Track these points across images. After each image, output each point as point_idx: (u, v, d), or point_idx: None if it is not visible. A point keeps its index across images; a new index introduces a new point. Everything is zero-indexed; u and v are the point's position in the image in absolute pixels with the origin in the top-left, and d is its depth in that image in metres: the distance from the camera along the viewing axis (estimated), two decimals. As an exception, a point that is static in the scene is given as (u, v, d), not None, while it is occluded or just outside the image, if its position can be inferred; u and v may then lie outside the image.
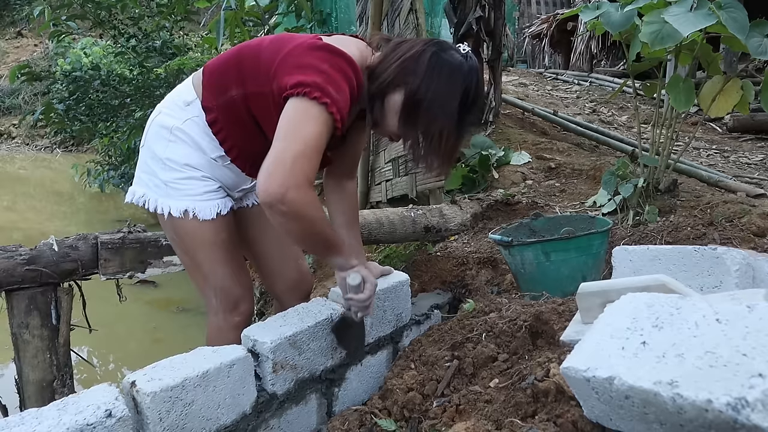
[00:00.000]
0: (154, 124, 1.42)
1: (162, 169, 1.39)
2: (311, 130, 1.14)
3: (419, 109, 1.22)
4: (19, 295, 1.51)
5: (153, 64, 6.00)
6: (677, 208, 2.33)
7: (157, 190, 1.40)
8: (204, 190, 1.40)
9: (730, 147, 4.45)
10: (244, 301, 1.49)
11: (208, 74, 1.38)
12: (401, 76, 1.22)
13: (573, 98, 6.78)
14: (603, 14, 2.07)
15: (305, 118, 1.15)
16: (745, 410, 0.58)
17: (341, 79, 1.20)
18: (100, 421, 0.89)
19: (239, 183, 1.51)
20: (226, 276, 1.45)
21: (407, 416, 1.22)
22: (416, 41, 1.28)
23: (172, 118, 1.39)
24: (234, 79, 1.33)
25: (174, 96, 1.44)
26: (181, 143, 1.38)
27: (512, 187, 3.18)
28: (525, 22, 12.00)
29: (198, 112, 1.37)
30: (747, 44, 1.78)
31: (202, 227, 1.39)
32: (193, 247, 1.42)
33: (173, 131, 1.38)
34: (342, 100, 1.18)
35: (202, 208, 1.39)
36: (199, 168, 1.39)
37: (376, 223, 2.16)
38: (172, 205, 1.38)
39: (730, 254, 1.24)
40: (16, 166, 13.52)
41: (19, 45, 18.61)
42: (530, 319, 1.27)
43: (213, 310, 1.48)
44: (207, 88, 1.37)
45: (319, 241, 1.24)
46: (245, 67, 1.32)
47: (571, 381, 0.77)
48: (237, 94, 1.32)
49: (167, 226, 1.43)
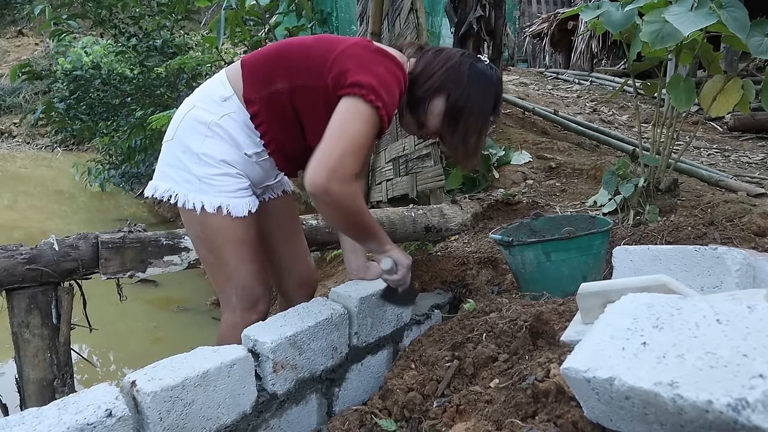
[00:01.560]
0: (188, 118, 1.42)
1: (197, 164, 1.39)
2: (360, 130, 1.24)
3: (461, 114, 1.37)
4: (20, 294, 1.51)
5: (154, 63, 5.99)
6: (678, 207, 2.33)
7: (188, 185, 1.40)
8: (237, 187, 1.42)
9: (730, 146, 4.45)
10: (263, 301, 1.51)
11: (249, 67, 1.41)
12: (446, 83, 1.37)
13: (573, 98, 6.77)
14: (603, 13, 2.07)
15: (357, 117, 1.25)
16: (746, 411, 0.58)
17: (394, 83, 1.30)
18: (101, 421, 0.89)
19: (265, 179, 1.54)
20: (250, 274, 1.47)
21: (407, 416, 1.22)
22: (452, 51, 1.42)
23: (208, 113, 1.40)
24: (280, 73, 1.36)
25: (208, 90, 1.45)
26: (218, 139, 1.39)
27: (513, 186, 3.18)
28: (525, 21, 11.99)
29: (235, 108, 1.39)
30: (748, 43, 1.78)
31: (233, 224, 1.41)
32: (221, 244, 1.43)
33: (210, 126, 1.39)
34: (391, 104, 1.28)
35: (235, 205, 1.40)
36: (234, 165, 1.41)
37: (377, 222, 2.16)
38: (205, 200, 1.39)
39: (730, 254, 1.23)
40: (16, 164, 13.52)
41: (20, 44, 18.62)
42: (531, 320, 1.27)
43: (231, 307, 1.49)
44: (248, 81, 1.39)
45: (359, 229, 1.35)
46: (293, 61, 1.37)
47: (572, 381, 0.77)
48: (283, 87, 1.36)
49: (195, 222, 1.43)
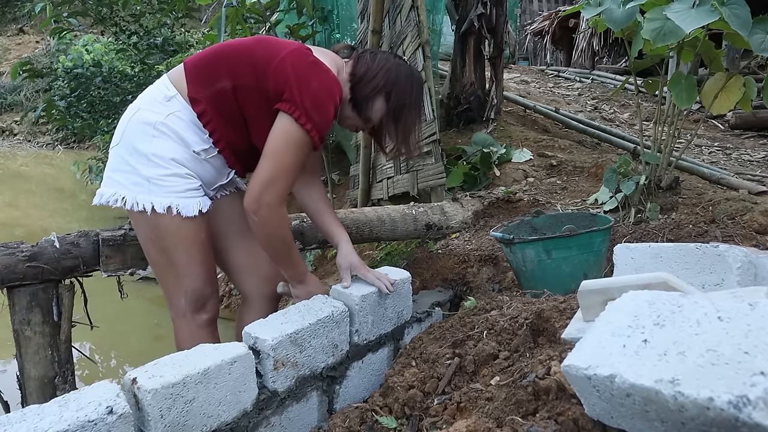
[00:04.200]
0: (134, 121, 1.43)
1: (146, 165, 1.40)
2: (292, 157, 1.37)
3: (402, 112, 1.49)
4: (21, 291, 1.51)
5: (154, 61, 5.99)
6: (679, 205, 2.33)
7: (136, 187, 1.41)
8: (187, 188, 1.43)
9: (732, 144, 4.44)
10: (211, 301, 1.54)
11: (191, 67, 1.44)
12: (387, 84, 1.47)
13: (575, 95, 6.76)
14: (605, 11, 2.06)
15: (289, 144, 1.36)
16: (747, 408, 0.58)
17: (328, 100, 1.39)
18: (102, 418, 0.89)
19: (217, 179, 1.55)
20: (201, 276, 1.48)
21: (408, 413, 1.22)
22: (388, 54, 1.54)
23: (154, 114, 1.41)
24: (224, 72, 1.40)
25: (151, 93, 1.46)
26: (165, 138, 1.40)
27: (514, 184, 3.18)
28: (527, 19, 11.97)
29: (180, 107, 1.41)
30: (749, 41, 1.78)
31: (184, 224, 1.42)
32: (172, 245, 1.44)
33: (157, 126, 1.40)
34: (323, 123, 1.38)
35: (185, 204, 1.42)
36: (184, 164, 1.43)
37: (378, 220, 2.16)
38: (155, 201, 1.39)
39: (732, 252, 1.23)
40: (17, 162, 13.53)
41: (21, 42, 18.60)
42: (531, 317, 1.27)
43: (180, 312, 1.51)
44: (192, 81, 1.42)
45: (277, 252, 1.45)
46: (236, 61, 1.41)
47: (572, 379, 0.77)
48: (227, 86, 1.40)
49: (144, 224, 1.44)
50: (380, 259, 2.80)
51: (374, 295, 1.44)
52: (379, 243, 2.96)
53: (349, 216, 2.10)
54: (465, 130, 4.06)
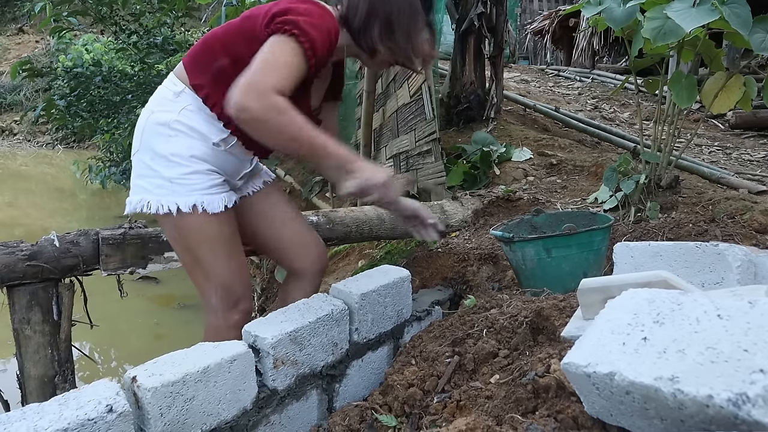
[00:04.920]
0: (150, 124, 1.42)
1: (167, 167, 1.39)
2: (279, 53, 1.23)
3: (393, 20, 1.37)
4: (21, 290, 1.51)
5: (154, 60, 5.99)
6: (679, 204, 2.33)
7: (160, 190, 1.40)
8: (210, 184, 1.42)
9: (732, 144, 4.44)
10: (244, 300, 1.50)
11: (190, 59, 1.43)
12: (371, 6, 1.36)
13: (575, 95, 6.76)
14: (605, 10, 2.06)
15: (275, 48, 1.24)
16: (746, 406, 0.58)
17: (322, 21, 1.29)
18: (101, 416, 0.89)
19: (241, 167, 1.54)
20: (228, 272, 1.46)
21: (408, 412, 1.22)
22: None
23: (166, 113, 1.40)
24: (219, 51, 1.38)
25: (161, 93, 1.46)
26: (182, 135, 1.39)
27: (513, 183, 3.18)
28: (527, 18, 11.97)
29: (190, 100, 1.40)
30: (750, 40, 1.78)
31: (209, 221, 1.40)
32: (197, 243, 1.43)
33: (171, 125, 1.39)
34: (318, 38, 1.26)
35: (210, 201, 1.40)
36: (204, 159, 1.41)
37: (377, 219, 2.16)
38: (179, 201, 1.38)
39: (731, 250, 1.23)
40: (17, 162, 13.52)
41: (21, 41, 18.60)
42: (531, 315, 1.27)
43: (212, 309, 1.49)
44: (192, 70, 1.41)
45: (297, 142, 1.23)
46: (228, 38, 1.39)
47: (572, 377, 0.77)
48: (224, 62, 1.37)
49: (170, 225, 1.43)
50: (380, 257, 2.80)
51: (374, 293, 1.44)
52: (379, 242, 2.96)
53: (349, 215, 2.10)
54: (465, 129, 4.06)
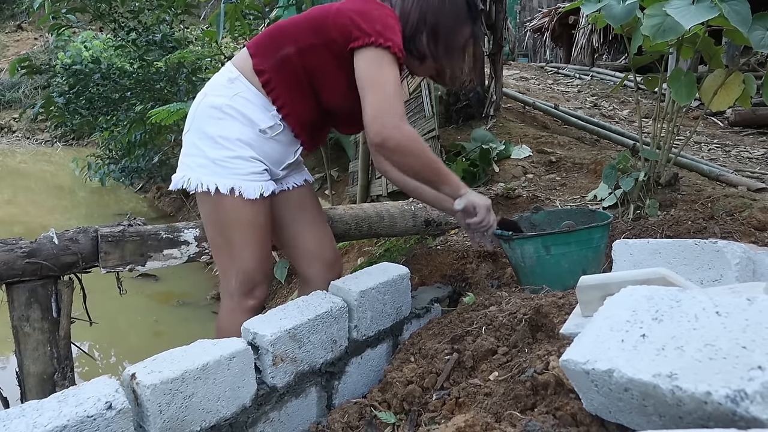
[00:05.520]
0: (203, 106, 1.49)
1: (212, 147, 1.45)
2: (389, 74, 1.34)
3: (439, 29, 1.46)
4: (20, 287, 1.51)
5: (153, 58, 5.97)
6: (678, 201, 2.33)
7: (202, 169, 1.46)
8: (250, 171, 1.46)
9: (731, 141, 4.44)
10: (261, 287, 1.55)
11: (255, 45, 1.48)
12: (422, 14, 1.45)
13: (574, 92, 6.76)
14: (604, 7, 2.06)
15: (379, 63, 1.34)
16: (744, 402, 0.58)
17: (394, 23, 1.39)
18: (101, 413, 0.89)
19: (285, 156, 1.56)
20: (253, 260, 1.51)
21: (407, 409, 1.23)
22: None
23: (219, 97, 1.46)
24: (286, 39, 1.43)
25: (216, 78, 1.52)
26: (231, 119, 1.45)
27: (513, 180, 3.18)
28: (526, 15, 11.96)
29: (243, 87, 1.45)
30: (749, 37, 1.77)
31: (244, 206, 1.45)
32: (230, 226, 1.48)
33: (223, 109, 1.45)
34: (398, 40, 1.37)
35: (247, 187, 1.45)
36: (250, 145, 1.46)
37: (377, 216, 2.16)
38: (219, 182, 1.44)
39: (730, 248, 1.23)
40: (16, 159, 13.51)
41: (19, 38, 18.57)
42: (530, 313, 1.27)
43: (229, 292, 1.54)
44: (257, 55, 1.46)
45: (431, 169, 1.41)
46: (296, 27, 1.44)
47: (571, 374, 0.77)
48: (291, 51, 1.42)
49: (208, 203, 1.49)
50: (379, 255, 2.80)
51: (373, 290, 1.44)
52: (379, 239, 2.96)
53: (348, 212, 2.09)
54: (464, 126, 4.06)
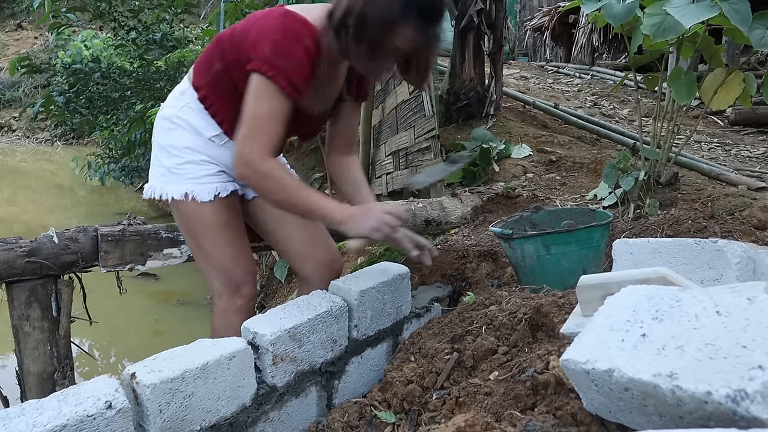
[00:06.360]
0: (158, 118, 1.56)
1: (166, 157, 1.51)
2: (263, 107, 1.30)
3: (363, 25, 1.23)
4: (20, 287, 1.51)
5: (153, 57, 5.97)
6: (678, 201, 2.33)
7: (162, 178, 1.52)
8: (203, 174, 1.50)
9: (731, 140, 4.44)
10: (245, 284, 1.56)
11: (199, 60, 1.53)
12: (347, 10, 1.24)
13: (574, 91, 6.75)
14: (605, 6, 2.06)
15: (257, 98, 1.31)
16: (745, 402, 0.58)
17: (293, 43, 1.28)
18: (101, 413, 0.89)
19: None
20: (226, 257, 1.53)
21: (407, 408, 1.22)
22: None
23: (170, 108, 1.53)
24: (217, 55, 1.45)
25: (175, 89, 1.59)
26: (179, 129, 1.50)
27: (513, 180, 3.17)
28: (526, 14, 11.95)
29: (191, 98, 1.50)
30: (749, 36, 1.77)
31: (201, 209, 1.49)
32: (196, 230, 1.52)
33: (172, 119, 1.50)
34: (290, 67, 1.28)
35: (200, 190, 1.48)
36: (198, 150, 1.50)
37: (377, 216, 2.15)
38: (173, 189, 1.49)
39: (730, 247, 1.23)
40: (16, 158, 13.51)
41: (19, 37, 18.56)
42: (530, 312, 1.27)
43: (217, 293, 1.56)
44: (196, 71, 1.51)
45: (299, 204, 1.35)
46: (225, 42, 1.45)
47: (571, 373, 0.77)
48: (220, 66, 1.44)
49: (174, 211, 1.54)
50: (379, 254, 2.80)
51: (373, 290, 1.44)
52: (379, 239, 2.95)
53: (348, 212, 2.09)
54: (464, 125, 4.06)
